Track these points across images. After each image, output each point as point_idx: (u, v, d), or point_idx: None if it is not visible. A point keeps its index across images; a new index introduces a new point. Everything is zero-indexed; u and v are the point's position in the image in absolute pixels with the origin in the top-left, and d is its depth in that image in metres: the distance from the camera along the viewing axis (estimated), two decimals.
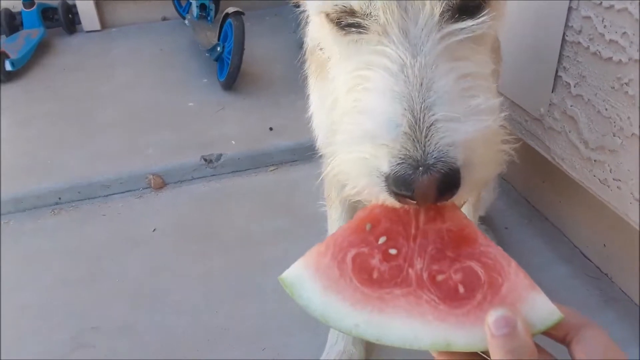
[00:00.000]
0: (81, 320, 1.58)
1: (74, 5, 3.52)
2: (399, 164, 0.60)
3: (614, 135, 1.39)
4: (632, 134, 1.33)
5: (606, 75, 1.38)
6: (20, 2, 3.29)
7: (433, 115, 0.60)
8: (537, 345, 0.55)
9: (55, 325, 1.57)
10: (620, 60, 1.33)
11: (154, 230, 1.92)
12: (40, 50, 3.27)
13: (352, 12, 0.67)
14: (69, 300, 1.65)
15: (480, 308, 0.57)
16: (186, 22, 3.34)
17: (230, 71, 2.59)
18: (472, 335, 0.56)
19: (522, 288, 0.57)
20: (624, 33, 1.30)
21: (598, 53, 1.40)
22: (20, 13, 3.33)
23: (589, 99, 1.46)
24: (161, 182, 2.15)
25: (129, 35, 3.52)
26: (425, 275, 0.60)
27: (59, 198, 2.08)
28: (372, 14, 0.65)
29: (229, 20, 2.59)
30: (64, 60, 3.22)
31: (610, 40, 1.35)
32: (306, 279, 0.62)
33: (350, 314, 0.59)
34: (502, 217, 1.83)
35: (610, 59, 1.36)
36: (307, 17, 0.94)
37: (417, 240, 0.63)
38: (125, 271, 1.75)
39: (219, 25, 2.73)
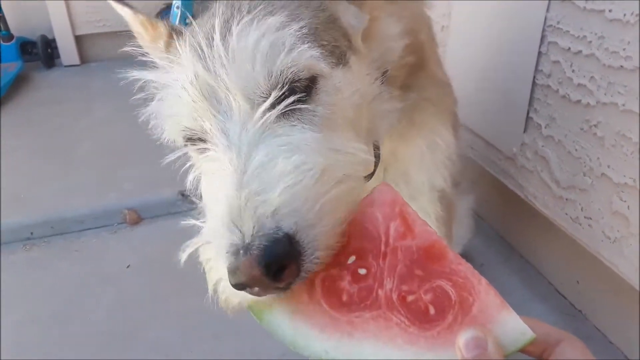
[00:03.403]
0: (51, 358, 1.53)
1: (54, 40, 3.53)
2: (226, 255, 0.58)
3: (584, 175, 1.43)
4: (602, 174, 1.37)
5: (575, 117, 1.44)
6: None
7: (243, 195, 0.60)
8: None
9: None
10: (588, 103, 1.38)
11: (128, 266, 1.88)
12: (17, 83, 3.25)
13: (190, 130, 0.73)
14: (41, 338, 1.60)
15: (450, 330, 0.55)
16: None
17: None
18: (444, 358, 0.55)
19: (493, 307, 0.56)
20: (592, 77, 1.36)
21: (567, 96, 1.45)
22: None
23: (559, 140, 1.50)
24: (137, 217, 2.13)
25: (108, 70, 3.52)
26: (395, 296, 0.58)
27: (31, 233, 2.04)
28: (203, 127, 0.71)
29: None
30: (41, 94, 3.21)
31: (579, 84, 1.40)
32: (274, 305, 0.60)
33: (319, 340, 0.57)
34: (478, 255, 1.85)
35: (579, 101, 1.41)
36: None
37: (386, 258, 0.61)
38: (97, 309, 1.70)
39: None
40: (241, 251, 0.57)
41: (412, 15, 0.99)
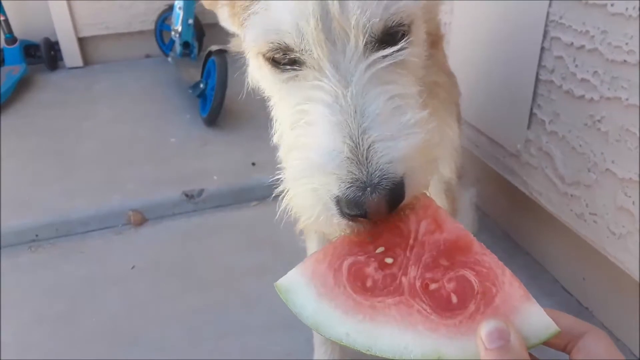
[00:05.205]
0: (59, 359, 1.54)
1: (57, 42, 3.54)
2: (348, 187, 0.64)
3: (589, 171, 1.42)
4: (606, 169, 1.36)
5: (579, 112, 1.43)
6: (3, 39, 3.30)
7: (369, 137, 0.65)
8: (534, 358, 0.53)
9: None
10: (592, 98, 1.37)
11: (133, 267, 1.89)
12: (21, 86, 3.26)
13: (286, 49, 0.72)
14: (47, 339, 1.60)
15: (472, 319, 0.55)
16: (169, 59, 3.38)
17: (213, 107, 2.61)
18: (464, 347, 0.54)
19: (517, 299, 0.56)
20: (595, 72, 1.35)
21: (570, 91, 1.44)
22: (2, 50, 3.33)
23: (563, 136, 1.50)
24: (141, 218, 2.13)
25: (111, 72, 3.54)
26: (418, 283, 0.59)
27: (37, 235, 2.04)
28: (305, 49, 0.70)
29: (212, 57, 2.62)
30: (45, 96, 3.22)
31: (582, 79, 1.40)
32: (301, 286, 0.61)
33: (341, 322, 0.58)
34: None
35: (582, 97, 1.40)
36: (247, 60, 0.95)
37: (413, 250, 0.62)
38: (103, 309, 1.71)
39: (202, 62, 2.76)
40: (369, 188, 0.63)
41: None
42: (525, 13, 1.57)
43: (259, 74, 0.83)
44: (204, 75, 2.74)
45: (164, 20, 3.55)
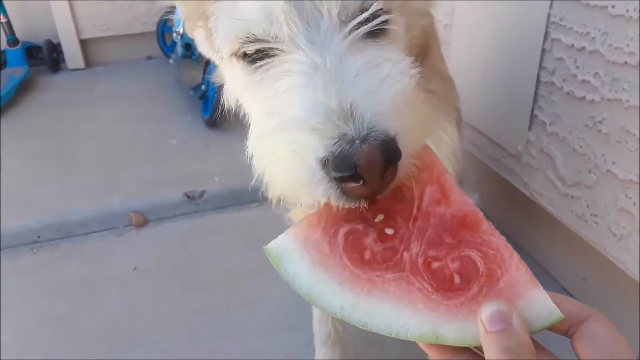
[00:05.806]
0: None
1: (59, 44, 3.55)
2: (335, 143, 0.57)
3: (590, 172, 1.42)
4: (607, 171, 1.36)
5: (580, 114, 1.43)
6: (5, 40, 3.31)
7: (349, 97, 0.59)
8: (536, 343, 0.51)
9: None
10: (593, 99, 1.37)
11: (134, 268, 1.89)
12: (23, 88, 3.27)
13: (256, 39, 0.69)
14: (47, 340, 1.60)
15: (475, 301, 0.53)
16: (171, 61, 3.38)
17: (214, 108, 2.61)
18: (464, 330, 0.52)
19: (522, 283, 0.53)
20: (596, 73, 1.35)
21: (571, 93, 1.44)
22: (4, 52, 3.34)
23: (564, 137, 1.50)
24: (143, 220, 2.13)
25: (113, 74, 3.54)
26: (420, 260, 0.56)
27: (38, 236, 2.04)
28: (277, 34, 0.67)
29: None
30: (47, 97, 3.22)
31: (583, 81, 1.40)
32: (293, 252, 0.57)
33: (337, 294, 0.55)
34: None
35: (583, 98, 1.40)
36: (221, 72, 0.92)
37: (417, 222, 0.59)
38: (103, 311, 1.71)
39: (203, 64, 2.77)
40: (357, 141, 0.56)
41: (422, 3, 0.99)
42: (526, 15, 1.57)
43: (231, 77, 0.80)
44: (206, 76, 2.74)
45: (165, 21, 3.56)
